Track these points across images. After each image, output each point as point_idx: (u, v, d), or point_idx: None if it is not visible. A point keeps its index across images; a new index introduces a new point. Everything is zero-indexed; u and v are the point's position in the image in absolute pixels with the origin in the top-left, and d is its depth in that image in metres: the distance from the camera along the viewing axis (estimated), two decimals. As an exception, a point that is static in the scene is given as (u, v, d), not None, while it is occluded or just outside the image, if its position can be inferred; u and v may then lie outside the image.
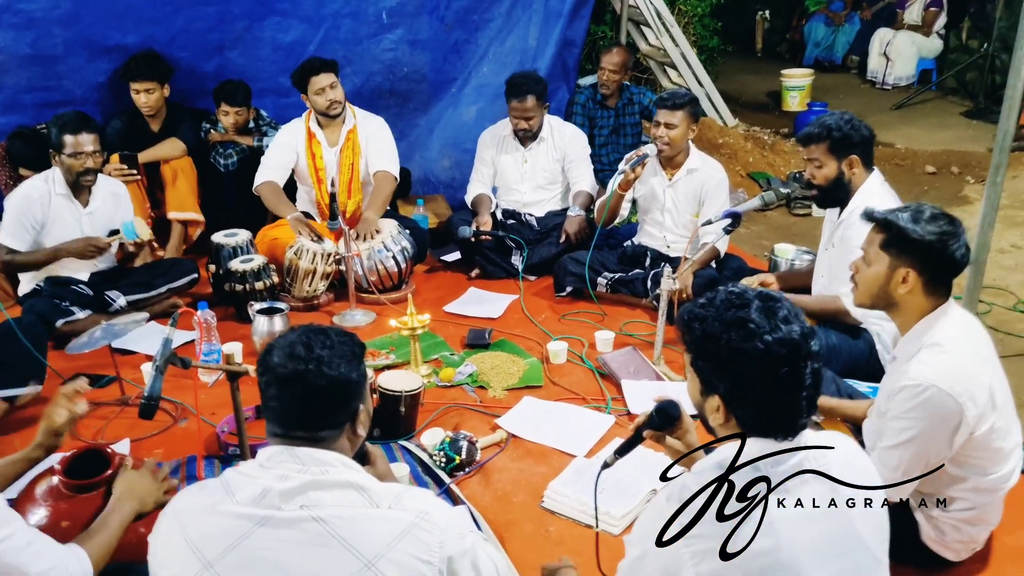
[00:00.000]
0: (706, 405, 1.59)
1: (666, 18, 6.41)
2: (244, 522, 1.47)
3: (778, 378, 1.47)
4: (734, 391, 1.53)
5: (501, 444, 2.97)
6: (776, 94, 8.22)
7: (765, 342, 1.47)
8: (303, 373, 1.54)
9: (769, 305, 1.52)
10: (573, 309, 4.11)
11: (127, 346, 3.56)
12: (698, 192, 4.01)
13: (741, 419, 1.54)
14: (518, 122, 4.37)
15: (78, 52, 4.51)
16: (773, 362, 1.47)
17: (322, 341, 1.60)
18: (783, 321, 1.49)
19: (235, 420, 2.58)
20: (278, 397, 1.56)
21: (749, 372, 1.49)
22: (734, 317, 1.51)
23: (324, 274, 4.07)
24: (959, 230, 2.12)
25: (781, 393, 1.49)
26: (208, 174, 4.78)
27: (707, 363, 1.56)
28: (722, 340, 1.50)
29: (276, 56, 4.91)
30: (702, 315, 1.56)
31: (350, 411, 1.61)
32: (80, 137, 3.63)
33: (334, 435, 1.59)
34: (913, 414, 2.05)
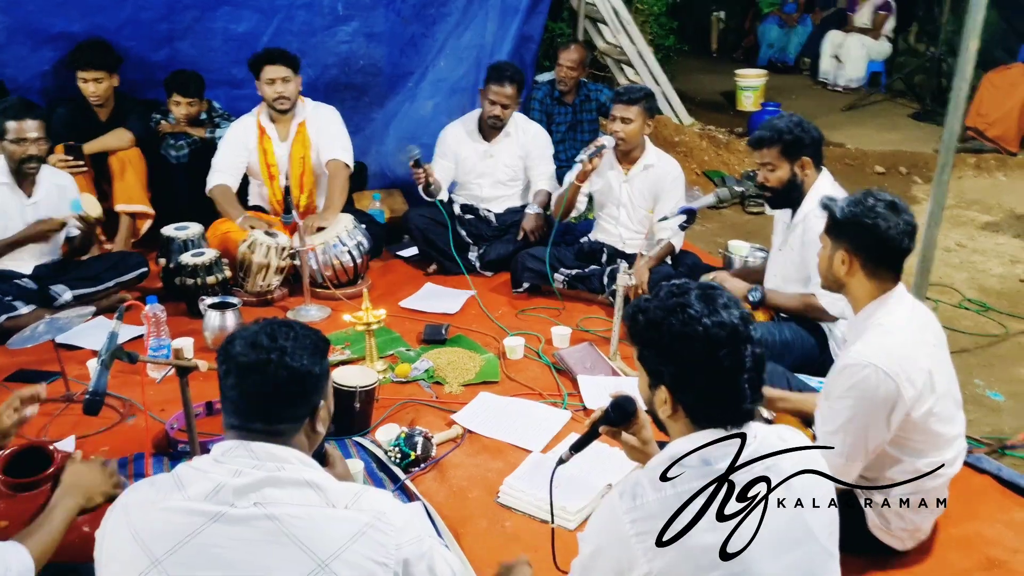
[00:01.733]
0: (655, 398, 1.62)
1: (623, 16, 6.45)
2: (195, 518, 1.43)
3: (719, 361, 1.52)
4: (678, 377, 1.56)
5: (457, 440, 2.96)
6: (730, 94, 8.31)
7: (704, 325, 1.52)
8: (264, 362, 1.51)
9: (708, 293, 1.58)
10: (530, 305, 4.11)
11: (72, 341, 3.46)
12: (654, 188, 4.03)
13: (687, 407, 1.57)
14: (493, 107, 4.33)
15: (20, 40, 4.38)
16: (713, 345, 1.51)
17: (286, 333, 1.57)
18: (722, 307, 1.55)
19: (185, 417, 2.52)
20: (237, 387, 1.53)
21: (691, 356, 1.53)
22: (675, 304, 1.56)
23: (278, 268, 4.01)
24: (892, 213, 2.18)
25: (723, 376, 1.53)
26: (158, 166, 4.67)
27: (651, 351, 1.60)
28: (664, 326, 1.55)
29: (228, 47, 4.81)
30: (645, 306, 1.61)
31: (310, 405, 1.58)
32: (24, 123, 3.53)
33: (292, 429, 1.56)
34: (851, 393, 2.12)
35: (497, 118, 4.37)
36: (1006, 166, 6.48)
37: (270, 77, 4.17)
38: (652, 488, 1.53)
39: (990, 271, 4.72)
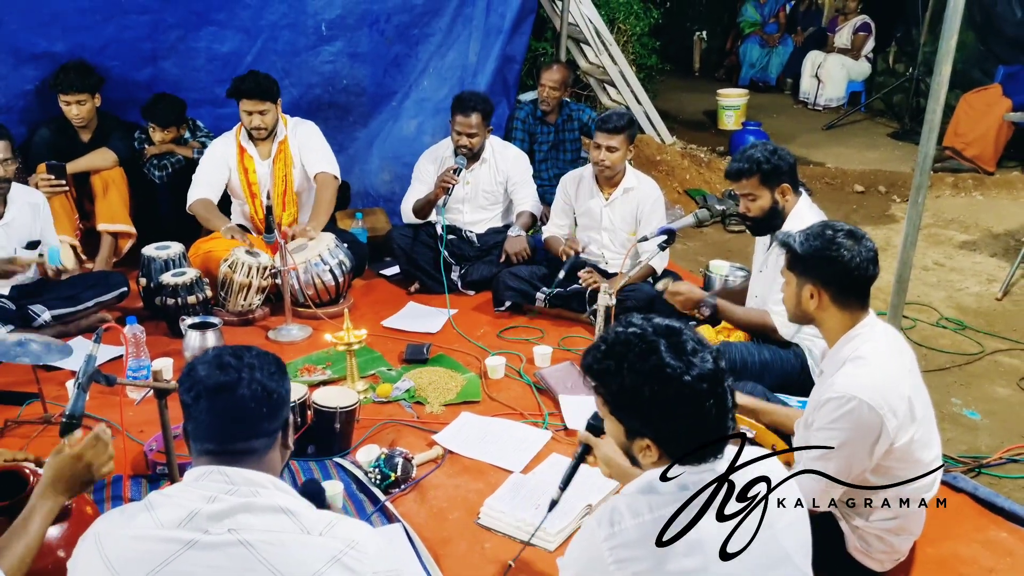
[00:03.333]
0: (633, 447, 1.62)
1: (605, 37, 6.50)
2: (168, 545, 1.43)
3: (706, 411, 1.52)
4: (664, 434, 1.56)
5: (437, 460, 2.96)
6: (712, 113, 8.38)
7: (685, 383, 1.50)
8: (236, 381, 1.53)
9: (674, 341, 1.55)
10: (511, 324, 4.12)
11: (51, 362, 3.43)
12: (635, 211, 4.06)
13: (672, 452, 1.57)
14: (460, 138, 4.35)
15: (3, 59, 4.37)
16: (698, 398, 1.51)
17: (248, 352, 1.61)
18: (692, 354, 1.53)
19: (163, 438, 2.51)
20: (210, 409, 1.53)
21: (677, 415, 1.53)
22: (649, 368, 1.52)
23: (259, 288, 4.01)
24: (853, 242, 2.19)
25: (710, 422, 1.54)
26: (140, 185, 4.67)
27: (631, 414, 1.59)
28: (644, 392, 1.53)
29: (212, 67, 4.82)
30: (613, 369, 1.56)
31: (281, 419, 1.60)
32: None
33: (267, 444, 1.57)
34: (837, 425, 2.11)
35: (467, 148, 4.36)
36: (983, 185, 6.56)
37: (247, 110, 4.20)
38: (630, 514, 1.54)
39: (967, 290, 4.77)
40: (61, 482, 1.90)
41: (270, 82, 4.21)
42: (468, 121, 4.30)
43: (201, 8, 4.64)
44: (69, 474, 1.91)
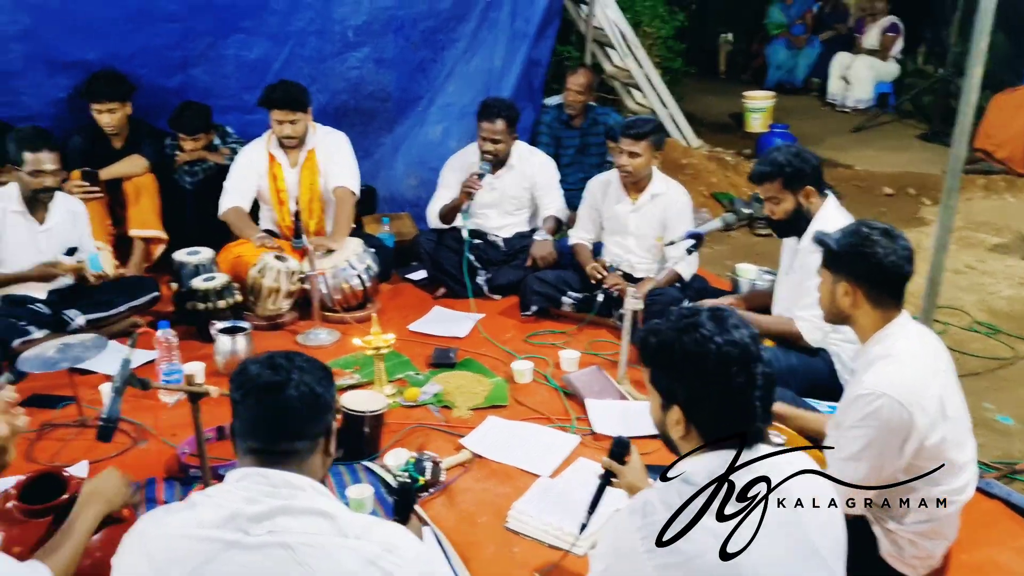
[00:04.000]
0: (667, 419, 1.65)
1: (630, 40, 6.50)
2: (210, 545, 1.45)
3: (731, 378, 1.55)
4: (691, 396, 1.60)
5: (466, 465, 2.97)
6: (738, 115, 8.34)
7: (717, 343, 1.56)
8: (285, 381, 1.58)
9: (718, 314, 1.62)
10: (539, 328, 4.12)
11: (85, 365, 3.48)
12: (662, 216, 4.05)
13: (700, 426, 1.60)
14: (484, 143, 4.35)
15: (37, 68, 4.45)
16: (726, 362, 1.55)
17: (299, 356, 1.66)
18: (733, 327, 1.59)
19: (196, 442, 2.54)
20: (258, 406, 1.58)
21: (704, 373, 1.57)
22: (686, 324, 1.60)
23: (288, 293, 4.04)
24: (889, 240, 2.20)
25: (735, 394, 1.56)
26: (171, 191, 4.72)
27: (664, 372, 1.64)
28: (676, 346, 1.59)
29: (240, 73, 4.88)
30: (656, 328, 1.66)
31: (325, 424, 1.63)
32: (41, 155, 3.56)
33: (310, 448, 1.60)
34: (866, 423, 2.11)
35: (492, 154, 4.37)
36: (1015, 187, 6.48)
37: (278, 119, 4.23)
38: (662, 506, 1.54)
39: (999, 293, 4.71)
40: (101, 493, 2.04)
41: (301, 91, 4.24)
42: (493, 127, 4.31)
43: (230, 16, 4.70)
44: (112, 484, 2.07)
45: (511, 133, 4.40)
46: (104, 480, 2.05)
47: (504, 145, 4.37)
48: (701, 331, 1.58)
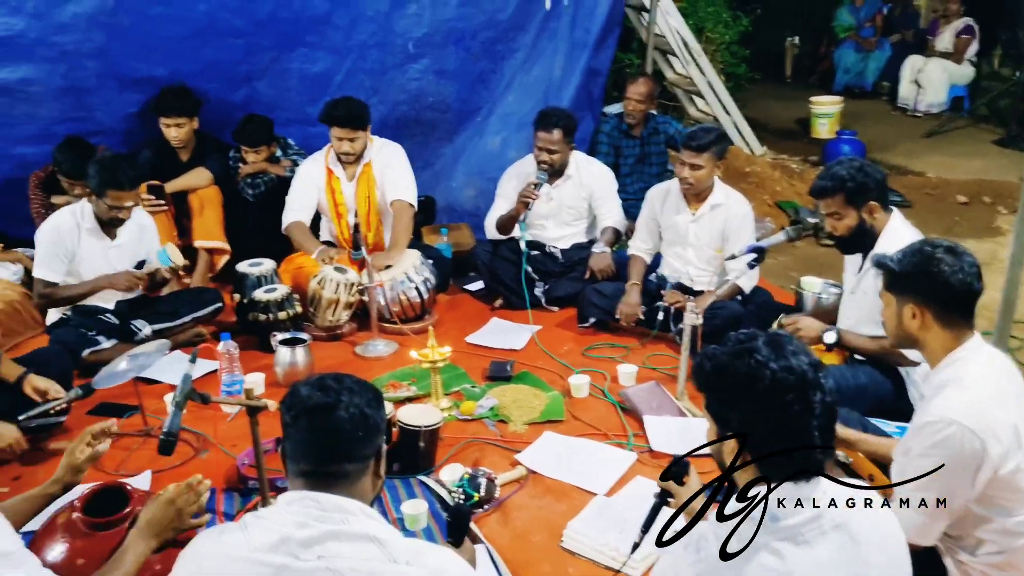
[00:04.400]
0: (723, 447, 1.61)
1: (693, 47, 6.41)
2: (261, 568, 1.47)
3: (786, 405, 1.50)
4: (745, 423, 1.55)
5: (521, 481, 2.94)
6: (805, 121, 8.16)
7: (772, 369, 1.51)
8: (335, 403, 1.59)
9: (776, 339, 1.57)
10: (596, 341, 4.08)
11: (150, 375, 3.57)
12: (722, 227, 3.97)
13: (755, 454, 1.55)
14: (541, 153, 4.33)
15: (109, 84, 4.59)
16: (781, 389, 1.50)
17: (348, 378, 1.67)
18: (791, 353, 1.54)
19: (254, 453, 2.57)
20: (308, 428, 1.59)
21: (757, 400, 1.52)
22: (741, 349, 1.56)
23: (347, 304, 4.07)
24: (952, 257, 2.11)
25: (791, 422, 1.51)
26: (234, 203, 4.82)
27: (717, 397, 1.61)
28: (729, 371, 1.55)
29: (303, 87, 4.96)
30: (712, 353, 1.61)
31: (375, 446, 1.63)
32: (123, 192, 3.65)
33: (360, 470, 1.60)
34: (935, 451, 2.01)
35: (548, 164, 4.33)
36: (1099, 194, 6.19)
37: (337, 136, 4.28)
38: (716, 540, 1.50)
39: (1082, 307, 4.49)
40: (153, 525, 2.05)
41: (362, 109, 4.28)
42: (549, 137, 4.29)
43: (293, 30, 4.78)
44: (160, 518, 2.06)
45: (568, 143, 4.36)
46: (163, 510, 2.07)
47: (561, 155, 4.34)
48: (756, 356, 1.53)
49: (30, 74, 4.42)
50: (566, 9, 5.17)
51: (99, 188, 3.64)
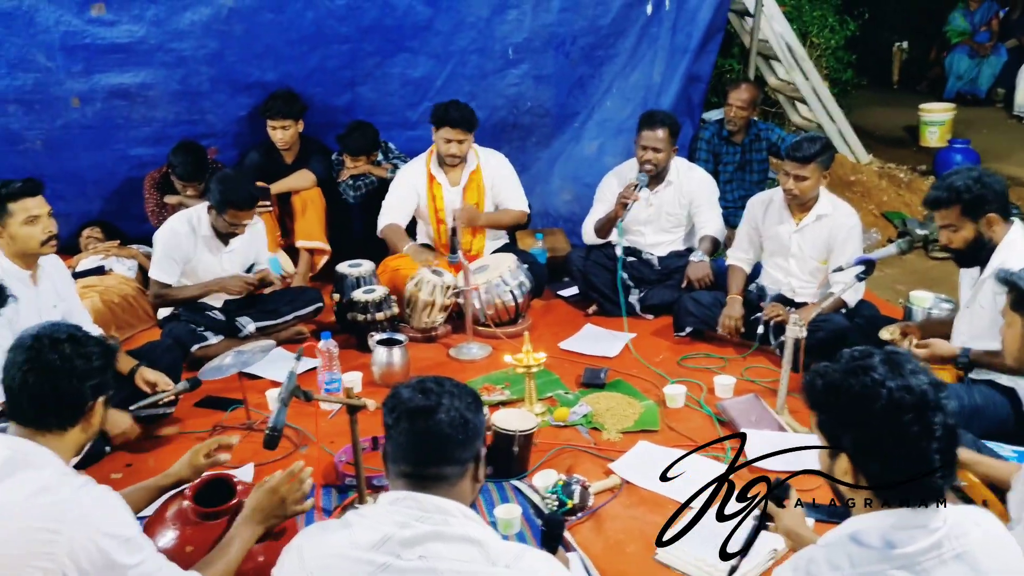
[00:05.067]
0: (835, 467, 1.55)
1: (797, 52, 6.24)
2: (363, 566, 1.48)
3: (904, 427, 1.43)
4: (860, 444, 1.49)
5: (615, 490, 2.91)
6: (913, 129, 7.85)
7: (888, 388, 1.45)
8: (435, 406, 1.60)
9: (895, 359, 1.50)
10: (692, 351, 4.01)
11: (254, 371, 3.68)
12: (827, 239, 3.84)
13: (870, 476, 1.49)
14: (645, 152, 4.26)
15: (221, 88, 4.78)
16: (897, 409, 1.44)
17: (449, 381, 1.68)
18: (910, 373, 1.47)
19: (352, 451, 2.62)
20: (409, 431, 1.60)
21: (873, 420, 1.46)
22: (855, 367, 1.50)
23: (443, 306, 4.12)
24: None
25: (908, 444, 1.44)
26: (336, 205, 4.94)
27: (830, 416, 1.55)
28: (842, 389, 1.49)
29: (404, 91, 5.05)
30: (824, 370, 1.56)
31: (474, 449, 1.64)
32: (243, 212, 3.81)
33: (460, 473, 1.61)
34: None
35: (651, 164, 4.26)
36: None
37: (447, 137, 4.33)
38: (828, 567, 1.46)
39: None
40: (258, 513, 2.11)
41: (472, 113, 4.35)
42: (654, 135, 4.22)
43: (396, 36, 4.87)
44: (266, 505, 2.12)
45: (672, 144, 4.30)
46: (268, 497, 2.14)
47: (664, 155, 4.27)
48: (872, 375, 1.47)
49: (149, 79, 4.64)
50: (667, 14, 5.10)
51: (220, 206, 3.79)
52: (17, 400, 1.85)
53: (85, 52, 4.53)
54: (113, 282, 4.42)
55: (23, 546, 1.66)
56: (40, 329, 1.90)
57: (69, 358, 1.86)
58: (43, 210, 3.07)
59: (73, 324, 1.98)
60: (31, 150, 4.72)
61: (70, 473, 1.81)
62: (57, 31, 4.45)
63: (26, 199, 3.03)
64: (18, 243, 3.04)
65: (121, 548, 1.73)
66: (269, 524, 2.13)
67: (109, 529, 1.72)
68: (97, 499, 1.76)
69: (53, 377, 1.83)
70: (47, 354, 1.84)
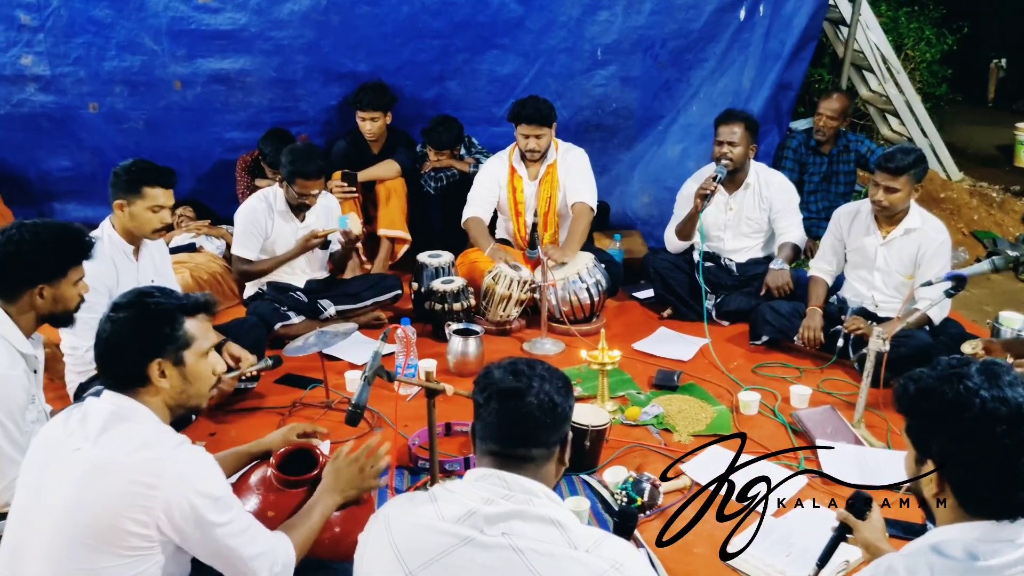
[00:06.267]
0: (922, 480, 1.53)
1: (892, 64, 6.10)
2: (447, 538, 1.52)
3: (995, 438, 1.41)
4: (948, 452, 1.47)
5: (684, 491, 2.91)
6: (1008, 148, 7.60)
7: (982, 398, 1.42)
8: (526, 388, 1.62)
9: (992, 369, 1.48)
10: (768, 360, 3.97)
11: (333, 353, 3.78)
12: (915, 253, 3.76)
13: (956, 487, 1.47)
14: (721, 146, 4.21)
15: (315, 77, 4.91)
16: (990, 420, 1.41)
17: (540, 365, 1.70)
18: (1007, 384, 1.44)
19: (428, 435, 2.67)
20: (498, 411, 1.62)
21: (963, 429, 1.43)
22: (951, 374, 1.48)
23: (518, 300, 4.16)
24: None
25: (999, 457, 1.42)
26: (416, 195, 5.03)
27: (920, 421, 1.52)
28: (935, 394, 1.47)
29: (491, 87, 5.11)
30: (918, 376, 1.53)
31: (561, 433, 1.66)
32: (310, 181, 3.92)
33: (545, 456, 1.63)
34: None
35: (727, 159, 4.18)
36: None
37: (524, 133, 4.37)
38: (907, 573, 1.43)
39: None
40: (340, 482, 2.19)
41: (549, 108, 4.36)
42: (730, 129, 4.18)
43: (488, 33, 4.94)
44: (345, 475, 2.20)
45: (750, 141, 4.24)
46: (345, 469, 2.21)
47: (741, 150, 4.20)
48: (966, 383, 1.45)
49: (247, 65, 4.81)
50: (761, 20, 5.04)
51: (290, 176, 3.91)
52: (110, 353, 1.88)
53: (189, 37, 4.72)
54: (203, 259, 4.60)
55: (123, 497, 1.74)
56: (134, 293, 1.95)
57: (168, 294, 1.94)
58: (169, 202, 3.25)
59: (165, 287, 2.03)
60: (133, 129, 4.94)
61: (169, 431, 1.89)
62: (165, 16, 4.65)
63: (160, 188, 3.20)
64: (134, 223, 3.21)
65: (212, 506, 1.80)
66: (347, 496, 2.20)
67: (203, 487, 1.79)
68: (193, 458, 1.84)
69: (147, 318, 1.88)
70: (144, 298, 1.91)
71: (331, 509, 2.14)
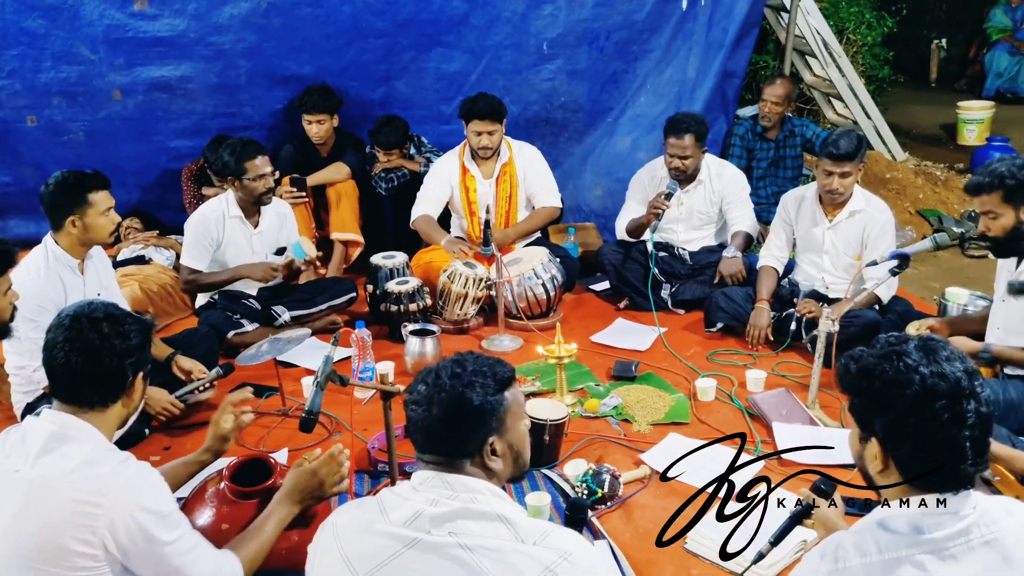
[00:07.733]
0: (865, 452, 1.56)
1: (833, 48, 6.19)
2: (394, 542, 1.52)
3: (936, 413, 1.43)
4: (890, 428, 1.49)
5: (644, 480, 2.93)
6: (951, 127, 7.75)
7: (921, 374, 1.45)
8: (433, 395, 1.63)
9: (930, 345, 1.50)
10: (723, 346, 4.01)
11: (289, 359, 3.74)
12: (860, 234, 3.82)
13: (899, 461, 1.50)
14: (672, 160, 4.27)
15: (258, 82, 4.85)
16: (930, 396, 1.44)
17: (460, 366, 1.67)
18: (944, 359, 1.47)
19: (386, 438, 2.66)
20: (415, 420, 1.64)
21: (904, 405, 1.45)
22: (890, 352, 1.50)
23: (475, 298, 4.15)
24: None
25: (940, 431, 1.44)
26: (370, 197, 4.99)
27: (862, 400, 1.54)
28: (875, 372, 1.49)
29: (439, 85, 5.09)
30: (858, 355, 1.56)
31: (487, 430, 1.64)
32: (258, 160, 3.88)
33: (477, 453, 1.63)
34: None
35: (680, 171, 4.27)
36: None
37: (476, 130, 4.36)
38: (856, 552, 1.46)
39: None
40: (296, 493, 2.15)
41: (499, 103, 4.36)
42: (681, 143, 4.23)
43: (432, 31, 4.92)
44: (304, 486, 2.16)
45: (700, 148, 4.29)
46: (305, 478, 2.17)
47: (692, 160, 4.28)
48: (905, 360, 1.47)
49: (189, 72, 4.73)
50: (703, 9, 5.08)
51: (237, 166, 3.86)
52: (60, 379, 1.88)
53: (127, 45, 4.63)
54: (152, 271, 4.52)
55: (66, 518, 1.70)
56: (77, 308, 1.92)
57: (108, 337, 1.87)
58: (112, 201, 3.21)
59: (110, 302, 2.00)
60: (74, 141, 4.84)
61: (112, 448, 1.86)
62: (101, 24, 4.56)
63: (102, 191, 3.16)
64: (90, 233, 3.16)
65: (159, 524, 1.77)
66: (305, 504, 2.17)
67: (148, 504, 1.76)
68: (137, 475, 1.80)
69: (94, 356, 1.86)
70: (87, 333, 1.86)
71: (286, 520, 2.11)
